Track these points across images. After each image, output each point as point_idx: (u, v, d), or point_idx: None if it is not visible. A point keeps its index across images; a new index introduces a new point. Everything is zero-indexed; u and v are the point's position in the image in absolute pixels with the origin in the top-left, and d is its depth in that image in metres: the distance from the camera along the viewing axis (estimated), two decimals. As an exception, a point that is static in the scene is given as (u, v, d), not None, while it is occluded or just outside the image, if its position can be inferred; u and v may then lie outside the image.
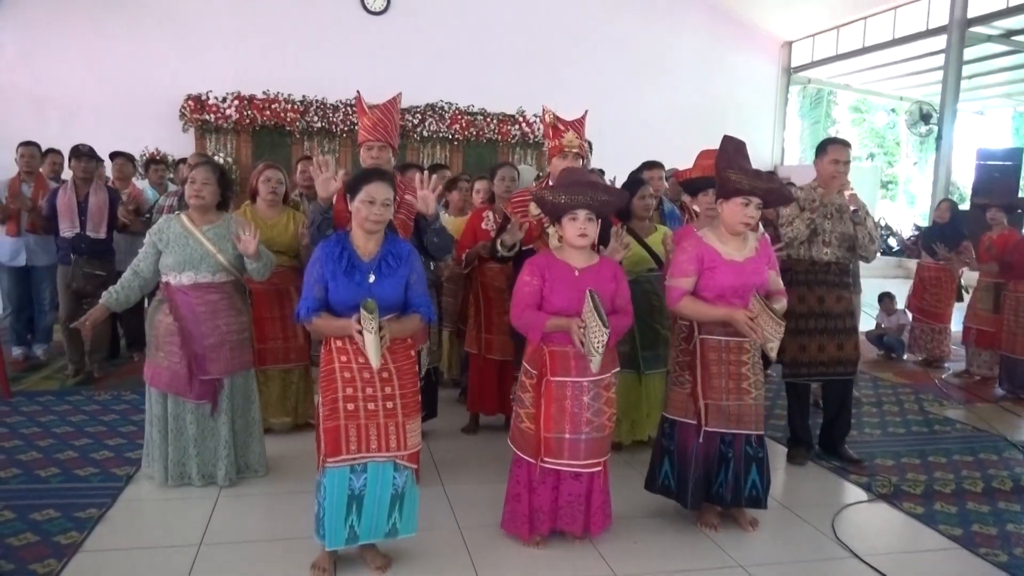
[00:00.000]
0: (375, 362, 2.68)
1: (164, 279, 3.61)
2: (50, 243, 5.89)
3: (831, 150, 4.12)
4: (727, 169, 3.18)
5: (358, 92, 3.85)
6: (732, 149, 3.25)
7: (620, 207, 3.72)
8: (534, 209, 3.72)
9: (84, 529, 3.17)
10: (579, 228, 3.01)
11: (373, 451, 2.82)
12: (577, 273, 3.04)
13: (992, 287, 6.33)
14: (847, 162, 4.09)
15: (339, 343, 2.82)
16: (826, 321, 4.13)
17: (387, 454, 2.83)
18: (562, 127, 3.83)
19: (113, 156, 6.56)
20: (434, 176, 3.56)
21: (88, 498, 3.49)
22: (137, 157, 10.47)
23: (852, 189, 4.04)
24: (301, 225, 4.31)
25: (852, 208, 4.03)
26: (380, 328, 2.65)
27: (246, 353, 3.80)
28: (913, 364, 6.97)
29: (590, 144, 4.80)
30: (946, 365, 6.83)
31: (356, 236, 2.86)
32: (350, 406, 2.80)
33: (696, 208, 4.05)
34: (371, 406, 2.82)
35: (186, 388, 3.59)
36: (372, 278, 2.79)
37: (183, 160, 7.61)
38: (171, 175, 7.63)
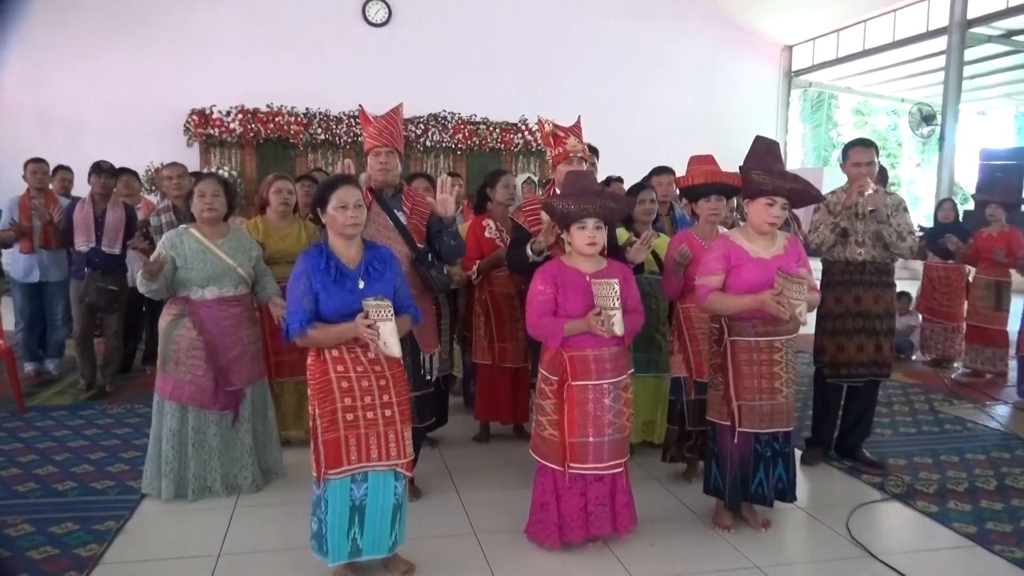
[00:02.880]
0: (398, 351, 2.67)
1: (183, 294, 3.63)
2: (62, 259, 5.93)
3: (851, 153, 4.17)
4: (752, 170, 3.21)
5: (360, 106, 3.89)
6: (763, 149, 3.27)
7: (627, 214, 3.75)
8: (545, 216, 3.74)
9: (103, 541, 3.19)
10: (588, 236, 3.05)
11: (374, 460, 2.81)
12: (588, 279, 3.07)
13: (993, 285, 6.36)
14: (869, 163, 4.11)
15: (335, 352, 2.80)
16: (864, 321, 4.13)
17: (388, 463, 2.83)
18: (562, 134, 3.86)
19: (120, 172, 6.59)
20: (449, 179, 3.63)
21: (106, 511, 3.51)
22: (142, 172, 10.65)
23: (871, 189, 4.05)
24: (313, 235, 4.35)
25: (869, 208, 4.05)
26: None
27: (262, 362, 3.92)
28: (922, 364, 6.99)
29: (596, 151, 4.83)
30: (955, 365, 6.84)
31: (336, 245, 2.84)
32: (349, 416, 2.79)
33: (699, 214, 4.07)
34: (370, 415, 2.81)
35: (212, 400, 3.63)
36: (362, 284, 2.79)
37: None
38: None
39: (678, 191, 4.53)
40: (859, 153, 4.14)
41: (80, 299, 5.40)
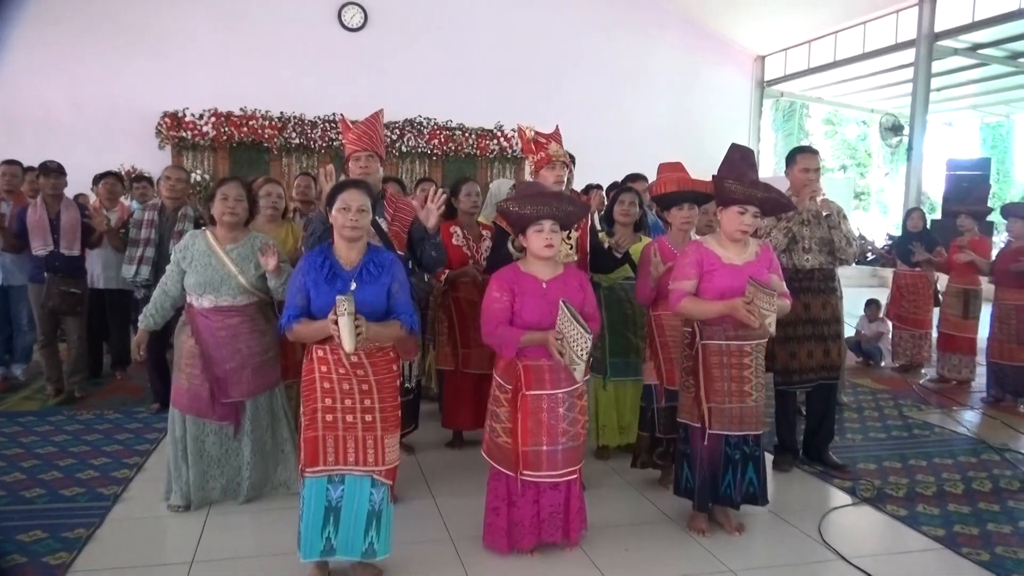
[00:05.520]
0: (349, 346, 2.59)
1: (188, 299, 3.58)
2: (26, 262, 5.81)
3: (800, 159, 4.22)
4: (725, 178, 3.25)
5: (342, 115, 3.89)
6: (738, 157, 3.32)
7: (584, 218, 3.75)
8: None
9: (73, 549, 3.14)
10: (545, 239, 3.05)
11: (350, 464, 2.83)
12: (544, 285, 3.07)
13: (962, 293, 6.50)
14: (817, 169, 4.19)
15: (320, 352, 2.83)
16: (813, 327, 4.20)
17: (364, 468, 2.84)
18: (543, 140, 3.90)
19: (102, 176, 6.55)
20: (440, 192, 3.63)
21: (75, 518, 3.45)
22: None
23: (823, 194, 4.13)
24: (299, 239, 4.31)
25: (824, 213, 4.12)
26: (356, 317, 2.61)
27: (270, 374, 3.72)
28: (891, 370, 7.10)
29: (572, 158, 4.87)
30: (923, 371, 6.96)
31: (338, 246, 2.89)
32: (328, 417, 2.81)
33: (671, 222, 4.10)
34: (349, 418, 2.82)
35: (208, 410, 3.56)
36: (353, 285, 2.80)
37: (141, 177, 7.47)
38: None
39: (649, 198, 4.58)
40: (808, 159, 4.20)
41: (43, 304, 5.28)
